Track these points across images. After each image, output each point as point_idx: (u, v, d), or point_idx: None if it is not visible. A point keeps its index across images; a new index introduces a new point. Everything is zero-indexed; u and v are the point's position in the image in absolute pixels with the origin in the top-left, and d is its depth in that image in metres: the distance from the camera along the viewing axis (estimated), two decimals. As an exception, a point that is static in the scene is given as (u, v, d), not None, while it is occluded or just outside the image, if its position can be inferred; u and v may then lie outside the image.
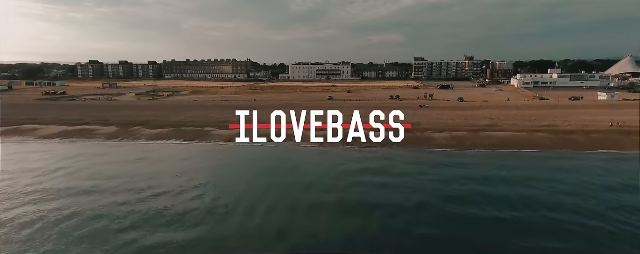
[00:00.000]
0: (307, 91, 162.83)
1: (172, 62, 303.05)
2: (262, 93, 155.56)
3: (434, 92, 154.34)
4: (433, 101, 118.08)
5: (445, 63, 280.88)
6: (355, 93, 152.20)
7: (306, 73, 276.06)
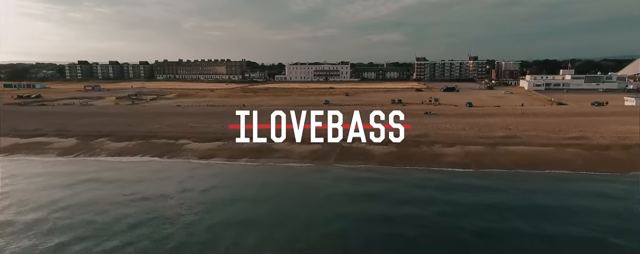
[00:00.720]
0: (302, 94, 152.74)
1: (164, 63, 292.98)
2: (253, 96, 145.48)
3: (439, 95, 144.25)
4: (439, 106, 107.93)
5: (448, 63, 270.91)
6: (353, 96, 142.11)
7: (303, 74, 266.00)
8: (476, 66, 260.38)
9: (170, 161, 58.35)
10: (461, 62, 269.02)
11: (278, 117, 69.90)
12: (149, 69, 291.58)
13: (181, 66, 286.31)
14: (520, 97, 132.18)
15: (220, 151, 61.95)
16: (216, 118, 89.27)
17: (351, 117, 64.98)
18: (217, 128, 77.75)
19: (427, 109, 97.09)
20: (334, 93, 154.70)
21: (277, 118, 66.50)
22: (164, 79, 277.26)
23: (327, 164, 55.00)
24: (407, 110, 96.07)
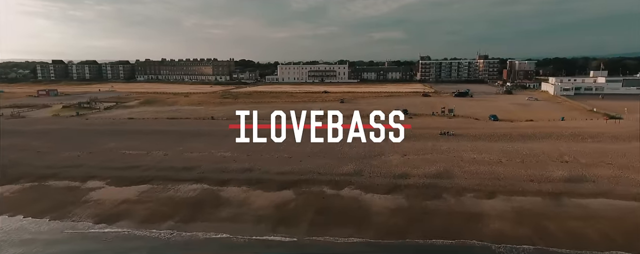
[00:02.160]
0: (290, 100, 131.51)
1: (145, 62, 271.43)
2: (232, 103, 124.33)
3: (450, 101, 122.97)
4: (456, 120, 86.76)
5: (456, 62, 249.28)
6: (350, 103, 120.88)
7: (296, 74, 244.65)
8: (487, 65, 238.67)
9: (54, 223, 37.36)
10: (470, 62, 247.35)
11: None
12: (129, 69, 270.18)
13: (164, 66, 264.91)
14: (550, 105, 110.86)
15: (137, 205, 40.85)
16: (165, 140, 68.23)
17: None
18: (155, 159, 56.65)
19: (442, 126, 75.88)
20: (327, 99, 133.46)
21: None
22: (145, 80, 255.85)
23: (297, 238, 33.86)
24: (416, 126, 74.92)
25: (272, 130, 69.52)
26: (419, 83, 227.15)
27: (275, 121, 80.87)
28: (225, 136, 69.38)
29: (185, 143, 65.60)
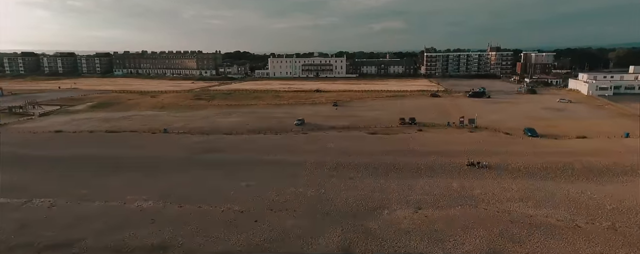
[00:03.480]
0: (274, 103, 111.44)
1: (124, 55, 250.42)
2: (204, 106, 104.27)
3: (465, 103, 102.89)
4: (481, 134, 66.58)
5: (465, 55, 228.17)
6: (344, 107, 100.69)
7: (289, 68, 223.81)
8: (500, 58, 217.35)
9: None
10: (480, 54, 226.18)
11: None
12: (106, 63, 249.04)
13: (145, 59, 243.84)
14: (591, 110, 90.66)
15: None
16: (72, 174, 48.46)
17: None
18: (25, 217, 36.80)
19: (466, 147, 55.98)
20: (319, 101, 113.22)
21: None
22: (123, 75, 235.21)
23: None
24: (430, 146, 54.93)
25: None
26: (424, 79, 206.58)
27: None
28: (155, 168, 49.65)
29: (97, 180, 45.80)
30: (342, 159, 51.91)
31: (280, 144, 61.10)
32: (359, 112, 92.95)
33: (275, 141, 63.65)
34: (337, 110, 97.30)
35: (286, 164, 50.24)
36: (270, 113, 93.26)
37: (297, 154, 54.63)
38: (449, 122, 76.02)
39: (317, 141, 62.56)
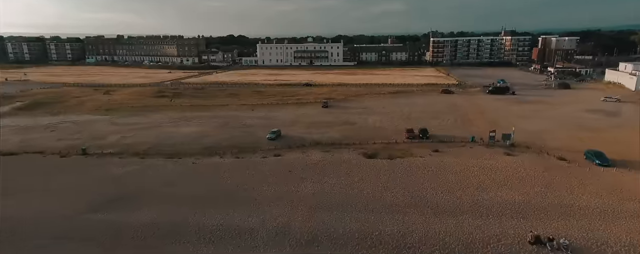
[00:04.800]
0: (251, 104, 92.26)
1: (97, 40, 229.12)
2: (163, 108, 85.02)
3: (486, 103, 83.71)
4: (522, 159, 47.51)
5: (475, 40, 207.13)
6: (336, 109, 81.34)
7: (280, 55, 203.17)
8: (515, 43, 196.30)
9: None
10: (493, 39, 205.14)
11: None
12: (78, 49, 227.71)
13: (121, 45, 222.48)
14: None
15: None
16: None
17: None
18: None
19: (518, 201, 37.09)
20: (306, 100, 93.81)
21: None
22: (95, 63, 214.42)
23: None
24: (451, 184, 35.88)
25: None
26: (430, 67, 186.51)
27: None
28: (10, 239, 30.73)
29: None
30: (320, 221, 33.06)
31: (233, 182, 41.93)
32: (354, 117, 73.77)
33: (229, 174, 44.59)
34: (327, 113, 78.04)
35: (227, 237, 31.20)
36: (242, 118, 74.07)
37: (251, 208, 35.73)
38: (474, 137, 56.83)
39: (289, 175, 43.55)
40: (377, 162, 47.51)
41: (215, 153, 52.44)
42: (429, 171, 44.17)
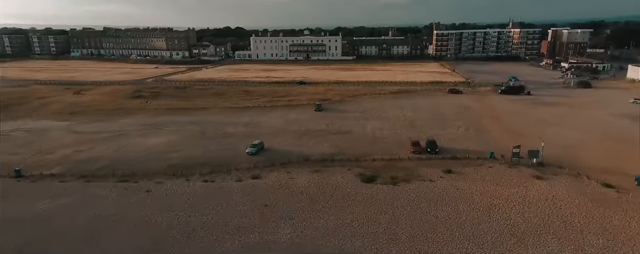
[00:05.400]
0: (236, 106, 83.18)
1: (83, 32, 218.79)
2: (136, 112, 75.84)
3: (499, 105, 74.50)
4: (558, 187, 38.64)
5: (481, 33, 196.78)
6: (331, 113, 72.12)
7: (275, 49, 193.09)
8: (524, 36, 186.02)
9: None
10: (500, 31, 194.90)
11: None
12: (63, 42, 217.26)
13: (107, 38, 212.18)
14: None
15: None
16: None
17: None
18: None
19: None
20: (299, 101, 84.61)
21: None
22: (80, 57, 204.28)
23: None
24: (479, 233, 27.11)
25: None
26: (433, 62, 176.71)
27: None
28: None
29: None
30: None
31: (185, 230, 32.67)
32: (350, 123, 64.69)
33: (187, 212, 35.51)
34: (320, 118, 68.90)
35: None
36: (223, 125, 64.97)
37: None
38: (493, 153, 47.75)
39: (264, 212, 34.55)
40: (376, 190, 38.56)
41: (181, 174, 43.49)
42: (443, 204, 35.23)
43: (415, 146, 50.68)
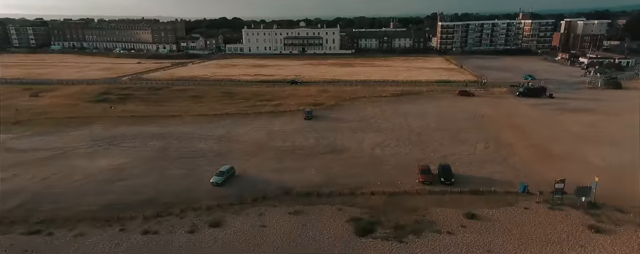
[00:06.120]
0: (212, 114, 72.51)
1: (64, 24, 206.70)
2: (95, 120, 65.16)
3: (520, 111, 63.53)
4: (628, 249, 28.42)
5: (489, 24, 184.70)
6: (322, 122, 61.45)
7: (268, 42, 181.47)
8: (536, 28, 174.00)
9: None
10: (509, 23, 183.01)
11: None
12: (43, 34, 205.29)
13: (90, 30, 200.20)
14: None
15: None
16: None
17: None
18: None
19: None
20: (287, 106, 73.94)
21: None
22: (60, 50, 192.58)
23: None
24: None
25: None
26: (437, 56, 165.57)
27: None
28: None
29: None
30: None
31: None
32: (344, 137, 54.14)
33: None
34: (309, 129, 58.30)
35: None
36: (193, 140, 54.40)
37: None
38: (525, 186, 37.18)
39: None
40: (375, 251, 28.17)
41: (118, 219, 33.09)
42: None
43: (424, 175, 40.18)
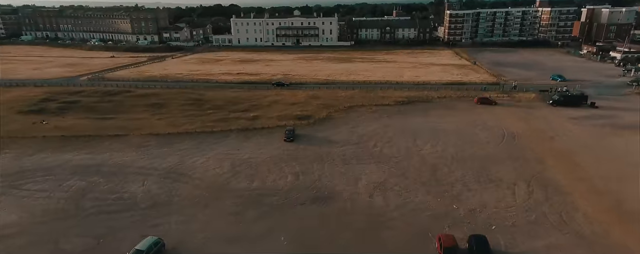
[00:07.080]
0: (168, 132, 58.39)
1: (34, 12, 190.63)
2: (13, 143, 51.25)
3: (560, 128, 49.09)
4: None
5: (502, 13, 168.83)
6: (308, 146, 47.42)
7: (259, 33, 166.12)
8: (556, 17, 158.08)
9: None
10: (525, 11, 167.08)
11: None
12: (13, 23, 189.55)
13: (64, 19, 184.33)
14: None
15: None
16: None
17: None
18: None
19: None
20: (265, 120, 59.91)
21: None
22: (31, 41, 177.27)
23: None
24: None
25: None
26: (445, 48, 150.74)
27: None
28: None
29: None
30: None
31: None
32: (333, 173, 40.22)
33: None
34: (289, 157, 44.29)
35: None
36: (128, 176, 40.57)
37: None
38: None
39: None
40: None
41: None
42: None
43: (447, 252, 26.46)
